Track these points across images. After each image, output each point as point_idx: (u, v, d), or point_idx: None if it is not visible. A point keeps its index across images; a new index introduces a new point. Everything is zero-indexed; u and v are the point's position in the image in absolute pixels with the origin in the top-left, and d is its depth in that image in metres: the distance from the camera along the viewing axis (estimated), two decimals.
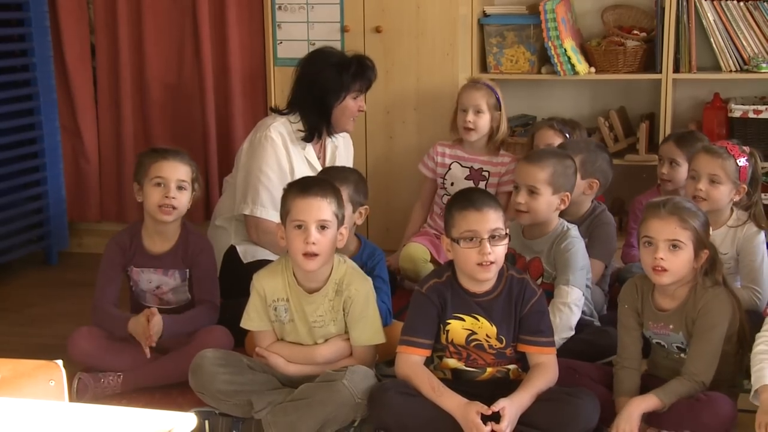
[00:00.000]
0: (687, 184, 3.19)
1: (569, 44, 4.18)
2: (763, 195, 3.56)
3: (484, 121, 3.83)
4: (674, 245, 2.58)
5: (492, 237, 2.57)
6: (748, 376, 2.55)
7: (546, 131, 3.75)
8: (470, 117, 3.81)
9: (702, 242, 2.60)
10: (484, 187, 3.79)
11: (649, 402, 2.57)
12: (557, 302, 2.98)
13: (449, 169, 3.93)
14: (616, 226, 3.52)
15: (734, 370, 2.68)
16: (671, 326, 2.68)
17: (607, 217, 3.42)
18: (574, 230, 3.10)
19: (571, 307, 2.97)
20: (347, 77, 3.53)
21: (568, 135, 3.70)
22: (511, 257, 3.06)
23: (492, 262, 2.57)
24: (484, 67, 4.37)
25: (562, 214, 3.15)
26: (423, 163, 4.00)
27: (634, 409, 2.55)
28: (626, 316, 2.75)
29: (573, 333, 2.98)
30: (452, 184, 3.91)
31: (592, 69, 4.23)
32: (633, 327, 2.73)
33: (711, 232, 2.69)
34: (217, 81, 4.44)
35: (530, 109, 4.53)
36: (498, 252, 2.58)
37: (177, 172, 3.10)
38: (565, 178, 3.10)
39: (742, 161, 3.11)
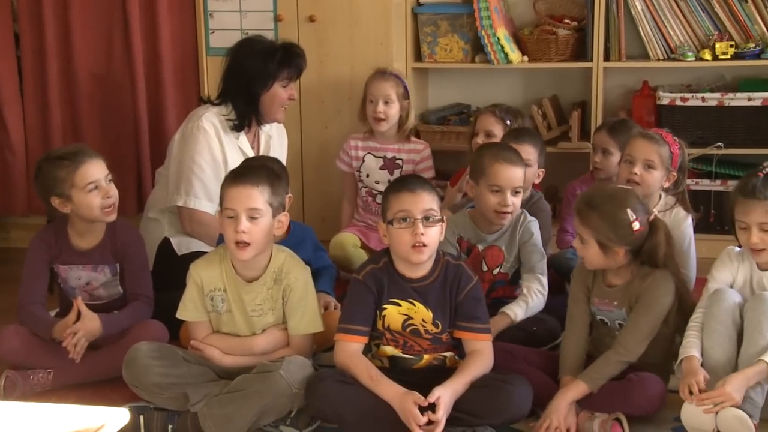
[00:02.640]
0: (621, 168, 3.24)
1: (502, 33, 4.21)
2: (688, 181, 3.71)
3: (394, 111, 3.85)
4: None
5: (426, 218, 2.58)
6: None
7: (488, 118, 3.78)
8: (380, 107, 3.82)
9: None
10: (399, 175, 3.80)
11: (576, 390, 2.61)
12: (534, 288, 3.04)
13: (363, 161, 3.95)
14: (551, 213, 3.58)
15: (668, 352, 2.73)
16: (615, 302, 2.74)
17: (543, 205, 3.47)
18: (529, 215, 3.15)
19: (544, 293, 3.05)
20: (273, 65, 3.51)
21: (509, 122, 3.74)
22: (467, 249, 3.09)
23: (425, 244, 2.58)
24: (418, 56, 4.38)
25: None
26: (339, 159, 4.01)
27: (561, 401, 2.59)
28: (577, 290, 2.81)
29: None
30: (368, 175, 3.94)
31: (525, 58, 4.27)
32: (582, 300, 2.80)
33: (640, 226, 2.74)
34: (148, 71, 4.36)
35: (465, 98, 4.56)
36: (431, 234, 2.60)
37: (102, 169, 3.03)
38: None
39: (675, 149, 3.18)
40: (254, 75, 3.51)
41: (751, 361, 2.53)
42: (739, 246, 2.79)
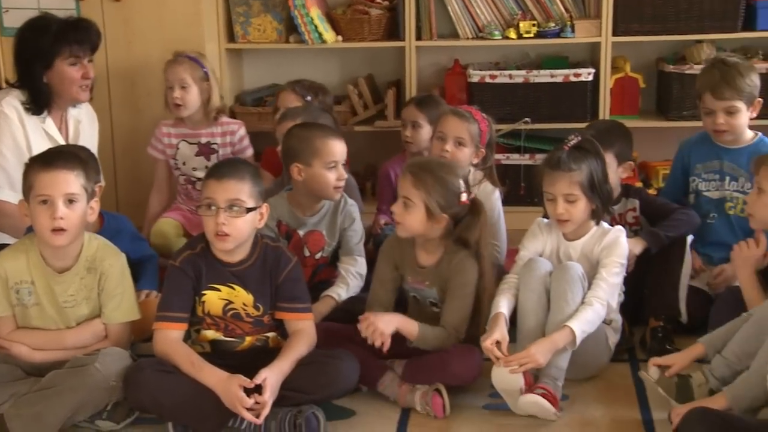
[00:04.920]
0: (434, 145, 3.32)
1: (315, 13, 4.20)
2: (499, 156, 3.86)
3: (192, 95, 3.76)
4: None
5: (230, 207, 2.55)
6: None
7: (288, 95, 3.78)
8: (177, 93, 3.74)
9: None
10: (217, 160, 3.75)
11: (409, 326, 2.69)
12: (353, 270, 3.07)
13: (178, 148, 3.86)
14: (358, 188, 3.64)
15: (477, 325, 2.81)
16: (427, 282, 2.82)
17: (352, 182, 3.50)
18: (349, 199, 3.17)
19: (363, 273, 3.09)
20: (48, 41, 3.33)
21: (309, 99, 3.75)
22: (286, 233, 3.08)
23: (227, 234, 2.56)
24: (231, 37, 4.31)
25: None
26: (152, 146, 3.90)
27: (388, 324, 2.66)
28: (383, 270, 2.87)
29: None
30: (184, 163, 3.86)
31: (339, 38, 4.29)
32: (388, 280, 2.86)
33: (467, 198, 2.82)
34: None
35: (281, 79, 4.49)
36: (236, 224, 2.57)
37: None
38: None
39: (483, 126, 3.28)
40: (33, 53, 3.33)
41: (558, 327, 2.65)
42: (547, 217, 2.92)
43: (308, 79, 3.96)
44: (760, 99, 3.21)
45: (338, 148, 3.04)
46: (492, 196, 3.27)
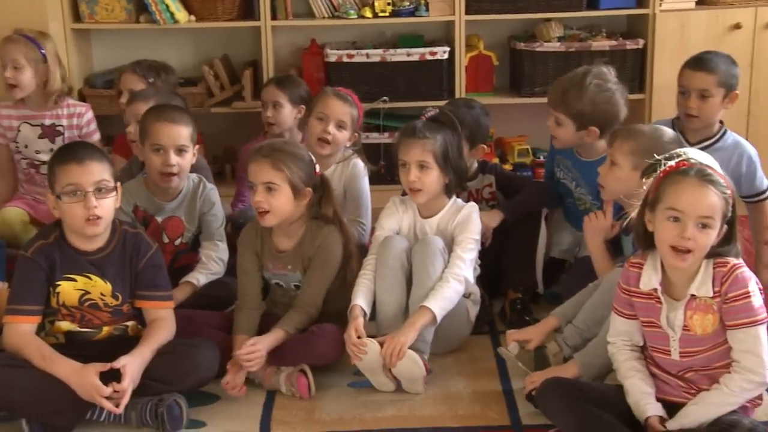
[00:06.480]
0: (312, 125, 3.30)
1: None
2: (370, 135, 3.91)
3: (26, 77, 3.60)
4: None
5: (98, 190, 2.48)
6: None
7: (130, 76, 3.69)
8: (9, 73, 3.58)
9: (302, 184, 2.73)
10: (62, 143, 3.60)
11: (275, 337, 2.67)
12: (214, 255, 3.03)
13: (19, 131, 3.69)
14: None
15: (343, 301, 2.82)
16: (290, 266, 2.81)
17: (203, 164, 3.43)
18: (208, 183, 3.11)
19: (224, 258, 3.06)
20: None
21: (152, 80, 3.66)
22: (143, 219, 3.02)
23: (99, 217, 2.48)
24: (77, 16, 4.15)
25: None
26: None
27: (264, 344, 2.63)
28: (246, 260, 2.83)
29: None
30: (26, 146, 3.70)
31: (192, 17, 4.19)
32: (252, 270, 2.82)
33: (319, 170, 2.83)
34: None
35: (132, 60, 4.33)
36: (105, 205, 2.51)
37: None
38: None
39: (360, 110, 3.34)
40: None
41: (422, 300, 2.70)
42: (404, 194, 2.95)
43: (150, 59, 3.85)
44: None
45: (163, 132, 2.95)
46: (361, 173, 3.30)
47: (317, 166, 2.80)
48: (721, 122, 3.22)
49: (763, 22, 4.11)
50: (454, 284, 2.73)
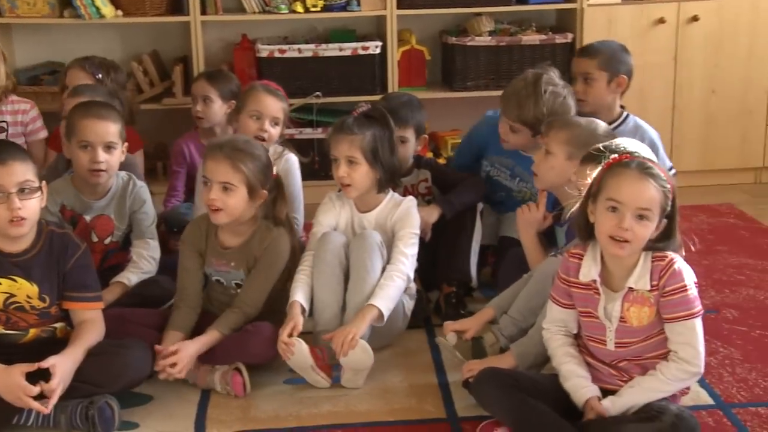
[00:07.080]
0: (245, 124, 3.27)
1: None
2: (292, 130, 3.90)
3: None
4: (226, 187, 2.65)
5: (21, 191, 2.42)
6: None
7: (77, 72, 3.62)
8: None
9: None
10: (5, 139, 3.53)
11: (207, 339, 2.63)
12: (146, 254, 2.98)
13: None
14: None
15: (283, 302, 2.79)
16: (233, 263, 2.77)
17: (132, 160, 3.38)
18: (138, 181, 3.05)
19: (156, 257, 3.01)
20: None
21: (100, 77, 3.59)
22: (71, 219, 2.95)
23: (24, 218, 2.42)
24: None
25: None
26: None
27: (188, 351, 2.58)
28: (188, 258, 2.79)
29: None
30: None
31: (119, 12, 4.12)
32: (194, 269, 2.79)
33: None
34: None
35: (57, 56, 4.30)
36: (30, 206, 2.45)
37: None
38: None
39: (288, 103, 3.33)
40: None
41: (362, 295, 2.70)
42: (339, 190, 2.94)
43: (99, 56, 3.77)
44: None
45: (90, 128, 2.89)
46: (294, 168, 3.28)
47: (274, 168, 2.77)
48: (622, 107, 3.33)
49: (686, 17, 4.21)
50: (398, 283, 2.74)
